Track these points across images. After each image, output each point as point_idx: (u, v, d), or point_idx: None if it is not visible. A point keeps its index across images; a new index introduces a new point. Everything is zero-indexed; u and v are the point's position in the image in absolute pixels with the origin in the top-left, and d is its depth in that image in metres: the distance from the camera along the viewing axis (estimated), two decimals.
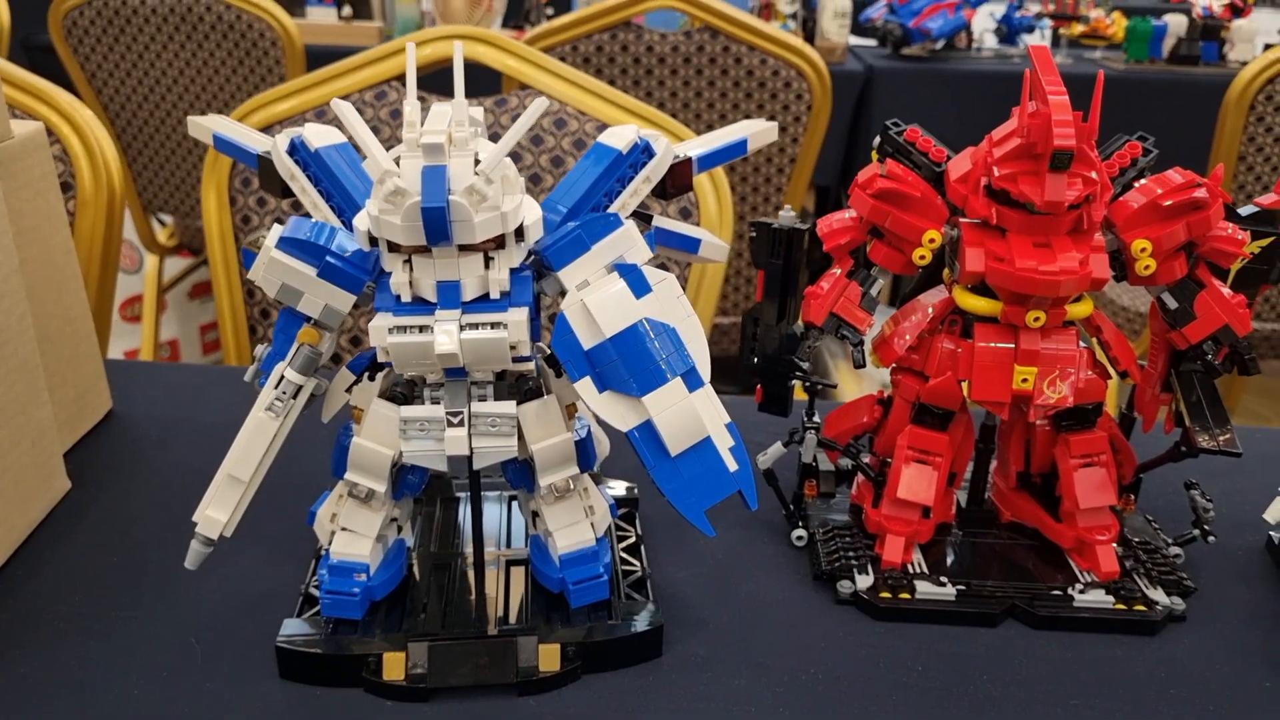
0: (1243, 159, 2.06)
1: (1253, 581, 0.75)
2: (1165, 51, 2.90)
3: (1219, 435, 0.69)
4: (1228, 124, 2.03)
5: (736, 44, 1.87)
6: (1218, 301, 0.69)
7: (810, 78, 1.90)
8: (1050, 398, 0.69)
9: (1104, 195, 0.68)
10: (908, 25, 2.86)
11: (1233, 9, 3.11)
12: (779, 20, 3.08)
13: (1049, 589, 0.71)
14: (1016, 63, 3.00)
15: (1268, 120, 2.01)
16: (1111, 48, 3.15)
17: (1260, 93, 1.98)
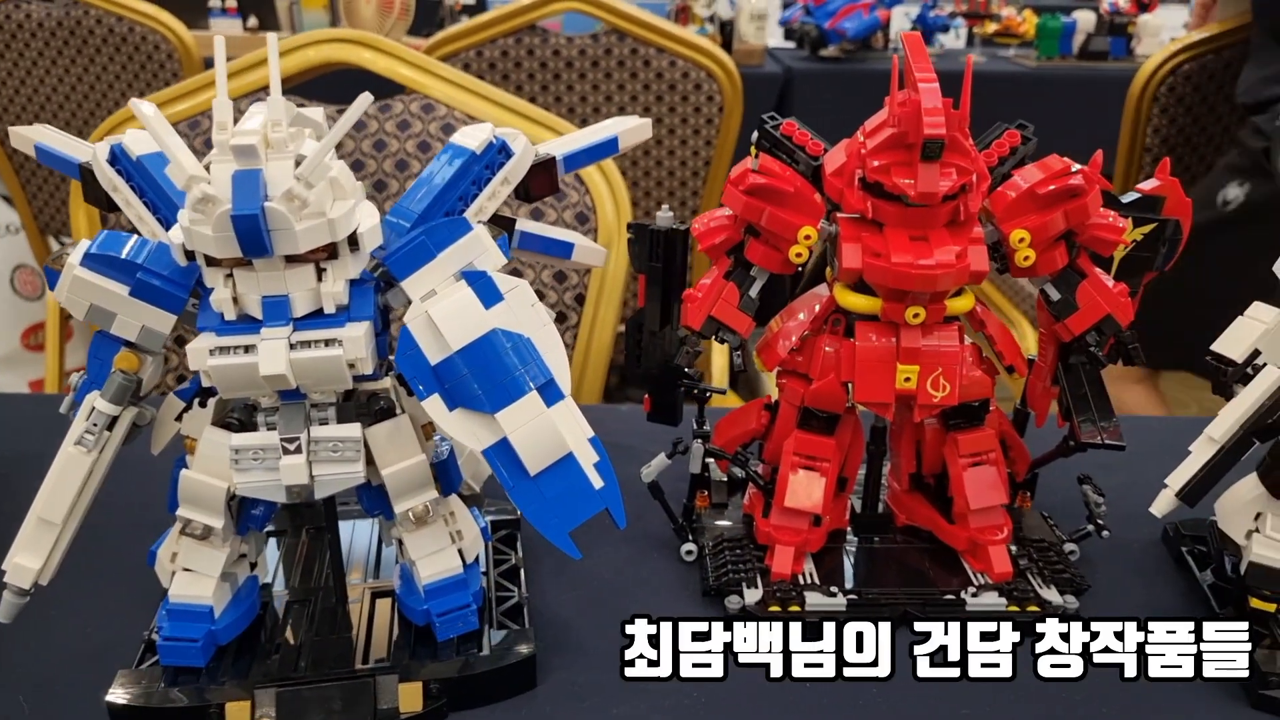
0: (1149, 150, 2.09)
1: (1148, 574, 0.74)
2: (1075, 48, 2.95)
3: (1103, 429, 0.67)
4: (1133, 116, 2.06)
5: (645, 47, 1.85)
6: (1100, 291, 0.67)
7: (721, 79, 1.88)
8: (934, 396, 0.66)
9: (981, 185, 0.66)
10: (824, 26, 2.87)
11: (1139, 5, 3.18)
12: (696, 24, 3.07)
13: (942, 594, 0.69)
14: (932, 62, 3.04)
15: (1171, 111, 2.05)
16: (1024, 45, 3.20)
17: (1162, 85, 2.02)
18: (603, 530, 0.77)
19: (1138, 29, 2.95)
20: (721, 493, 0.80)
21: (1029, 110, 0.73)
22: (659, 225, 0.73)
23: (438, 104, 1.17)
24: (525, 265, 1.17)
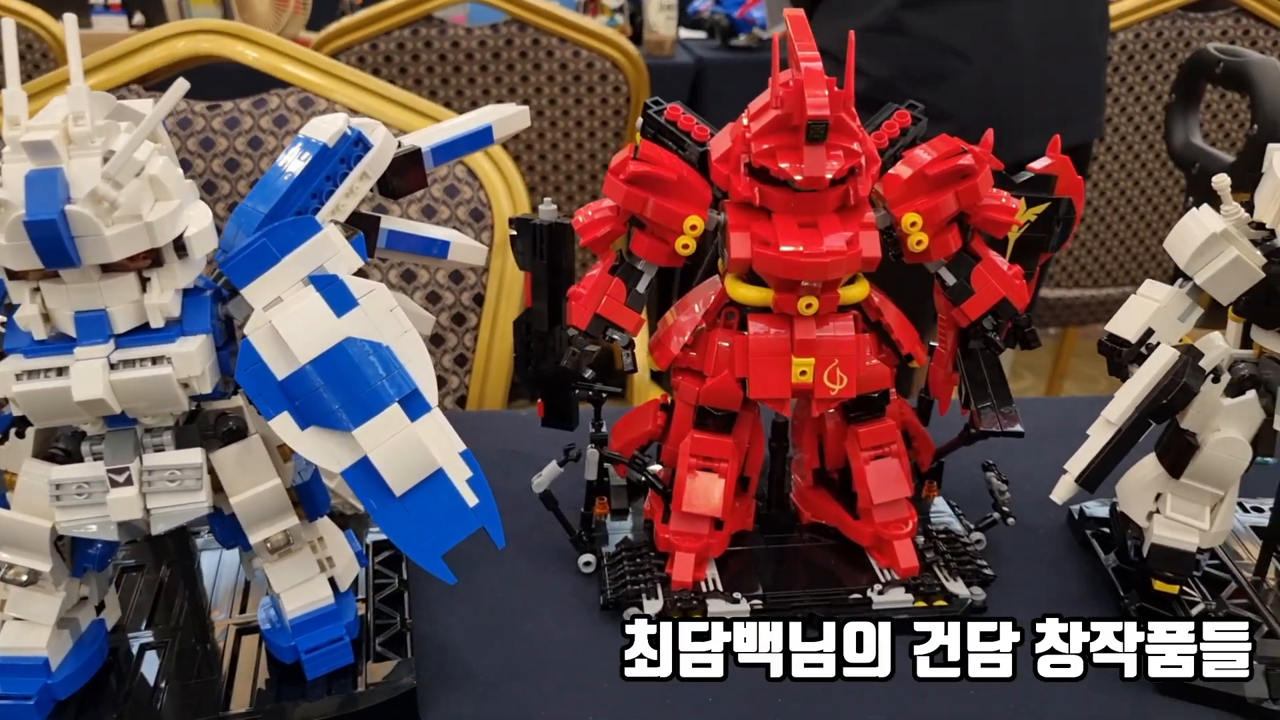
0: None
1: (1055, 559, 0.73)
2: None
3: (1003, 415, 0.66)
4: None
5: (547, 37, 1.80)
6: (995, 274, 0.65)
7: (627, 70, 1.84)
8: (832, 389, 0.63)
9: (870, 168, 0.63)
10: (734, 16, 2.86)
11: None
12: (605, 15, 3.03)
13: (848, 593, 0.66)
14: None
15: None
16: None
17: None
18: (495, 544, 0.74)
19: None
20: (622, 498, 0.76)
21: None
22: (542, 220, 0.69)
23: (318, 98, 1.11)
24: (419, 267, 1.12)
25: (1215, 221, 0.58)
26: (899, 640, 0.61)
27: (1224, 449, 0.61)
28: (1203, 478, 0.62)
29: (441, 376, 1.13)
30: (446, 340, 1.13)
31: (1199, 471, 0.62)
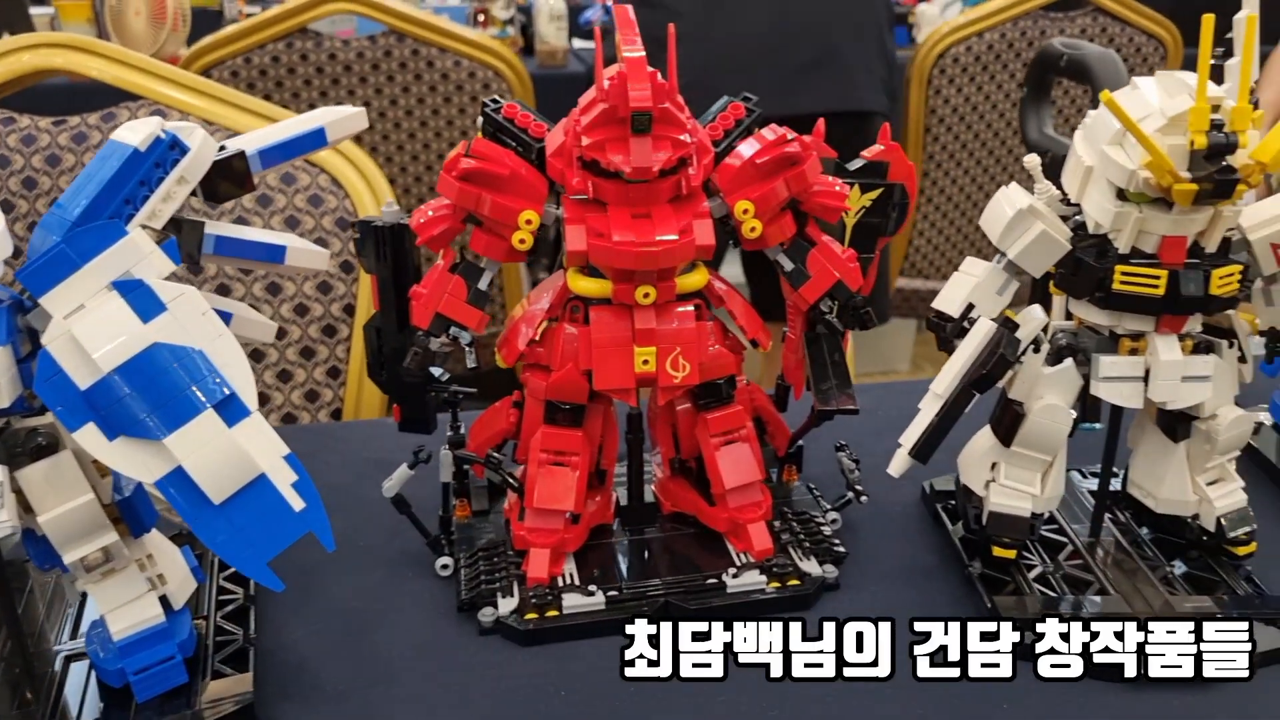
0: (928, 130, 2.20)
1: (909, 535, 0.75)
2: None
3: (841, 395, 0.67)
4: (912, 99, 2.16)
5: (426, 47, 1.78)
6: (829, 258, 0.67)
7: (510, 79, 1.84)
8: (675, 377, 0.64)
9: (703, 158, 0.64)
10: None
11: None
12: (496, 26, 3.02)
13: (705, 579, 0.67)
14: None
15: (944, 92, 2.16)
16: None
17: (934, 67, 2.12)
18: (354, 554, 0.73)
19: (917, 18, 3.11)
20: (483, 499, 0.75)
21: None
22: (384, 221, 0.68)
23: (171, 110, 1.07)
24: (284, 279, 1.09)
25: (1022, 199, 0.60)
26: (547, 663, 0.62)
27: (1047, 415, 0.63)
28: (1031, 445, 0.65)
29: (314, 390, 1.11)
30: (318, 353, 1.10)
31: (1027, 439, 0.64)
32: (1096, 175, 0.59)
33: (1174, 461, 0.66)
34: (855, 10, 1.58)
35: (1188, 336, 0.61)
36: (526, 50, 3.04)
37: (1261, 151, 0.55)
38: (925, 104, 2.16)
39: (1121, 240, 0.59)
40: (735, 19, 1.48)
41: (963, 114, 2.19)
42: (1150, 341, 0.61)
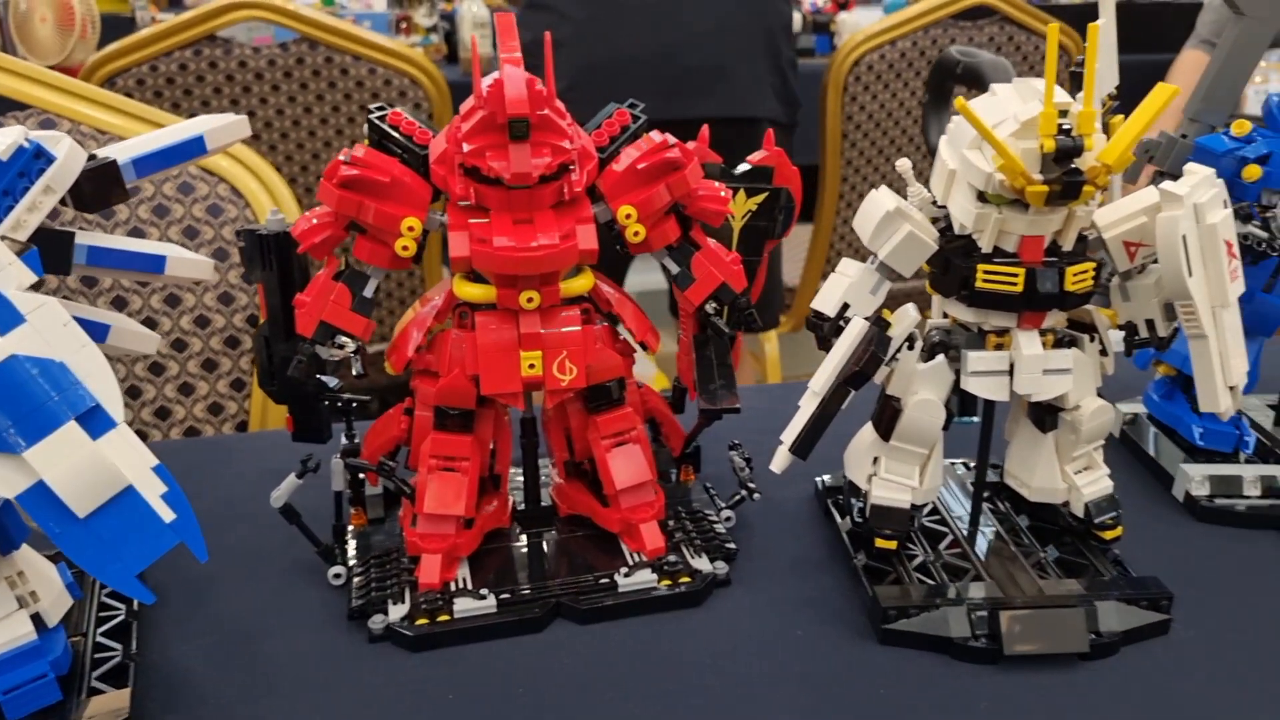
0: (846, 136, 2.24)
1: (800, 530, 0.77)
2: None
3: (724, 395, 0.69)
4: (829, 106, 2.20)
5: (340, 55, 1.77)
6: (713, 261, 0.69)
7: (427, 87, 1.83)
8: (562, 380, 0.65)
9: (586, 164, 0.65)
10: None
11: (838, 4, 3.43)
12: (419, 34, 3.01)
13: (597, 579, 0.68)
14: None
15: (860, 99, 2.20)
16: None
17: (849, 75, 2.17)
18: (247, 565, 0.72)
19: (838, 26, 3.18)
20: (379, 507, 0.75)
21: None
22: (268, 229, 0.68)
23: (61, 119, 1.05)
24: (184, 290, 1.07)
25: (890, 201, 0.63)
26: (438, 669, 0.62)
27: (921, 410, 0.66)
28: (908, 438, 0.67)
29: (218, 403, 1.09)
30: (221, 365, 1.09)
31: (905, 433, 0.67)
32: (959, 178, 0.62)
33: (1044, 452, 0.69)
34: (746, 19, 1.61)
35: (1049, 331, 0.64)
36: (451, 58, 3.04)
37: (1106, 154, 0.57)
38: (842, 110, 2.20)
39: (984, 240, 0.62)
40: (624, 26, 1.51)
41: (878, 120, 2.24)
42: (1014, 337, 0.63)
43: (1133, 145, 0.58)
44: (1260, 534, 0.76)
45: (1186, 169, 0.61)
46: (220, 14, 1.66)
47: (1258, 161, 0.74)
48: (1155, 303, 0.64)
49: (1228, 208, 0.62)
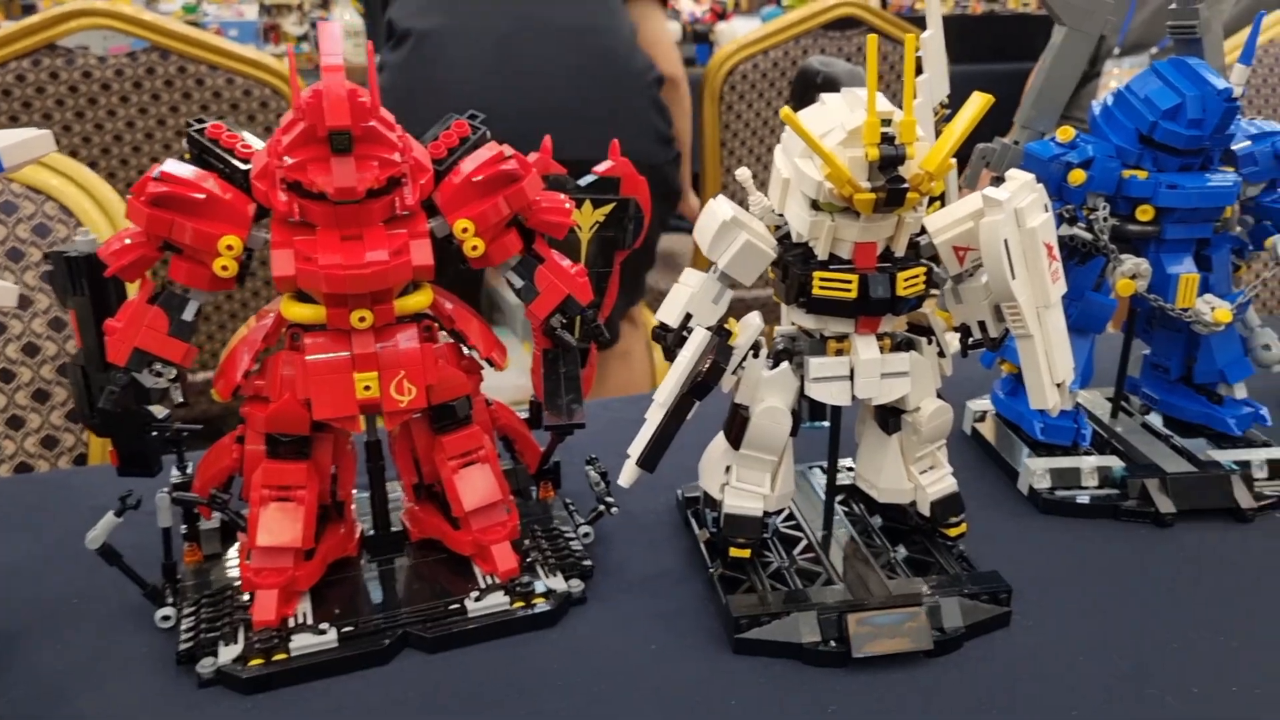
0: (724, 144, 2.27)
1: (660, 542, 0.76)
2: None
3: (570, 410, 0.68)
4: (706, 114, 2.23)
5: (194, 64, 1.69)
6: (557, 274, 0.67)
7: (289, 97, 1.77)
8: (400, 401, 0.63)
9: (419, 177, 0.63)
10: None
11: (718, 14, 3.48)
12: (290, 42, 2.92)
13: (446, 605, 0.66)
14: None
15: (735, 108, 2.24)
16: None
17: (724, 84, 2.20)
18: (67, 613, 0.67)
19: (717, 36, 3.23)
20: (215, 542, 0.71)
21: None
22: (76, 250, 0.63)
23: None
24: (8, 316, 1.00)
25: (727, 210, 0.63)
26: (508, 644, 0.62)
27: (768, 417, 0.66)
28: (757, 446, 0.67)
29: (52, 435, 1.02)
30: (54, 395, 1.02)
31: (753, 440, 0.67)
32: (793, 187, 0.62)
33: (889, 453, 0.70)
34: (602, 68, 1.62)
35: (887, 336, 0.65)
36: None
37: (928, 161, 0.59)
38: (719, 119, 2.23)
39: (819, 247, 0.62)
40: (484, 74, 1.53)
41: (754, 128, 2.27)
42: (852, 342, 0.64)
43: (953, 153, 0.59)
44: (1097, 523, 0.79)
45: (1008, 175, 0.63)
46: (60, 21, 1.57)
47: (1082, 166, 0.78)
48: (985, 305, 0.65)
49: (1049, 211, 0.64)
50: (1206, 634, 0.66)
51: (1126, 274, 0.77)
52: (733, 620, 0.63)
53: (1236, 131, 0.80)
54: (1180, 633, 0.66)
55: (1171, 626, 0.67)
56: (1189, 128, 0.75)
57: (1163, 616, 0.68)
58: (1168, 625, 0.67)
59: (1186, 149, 0.76)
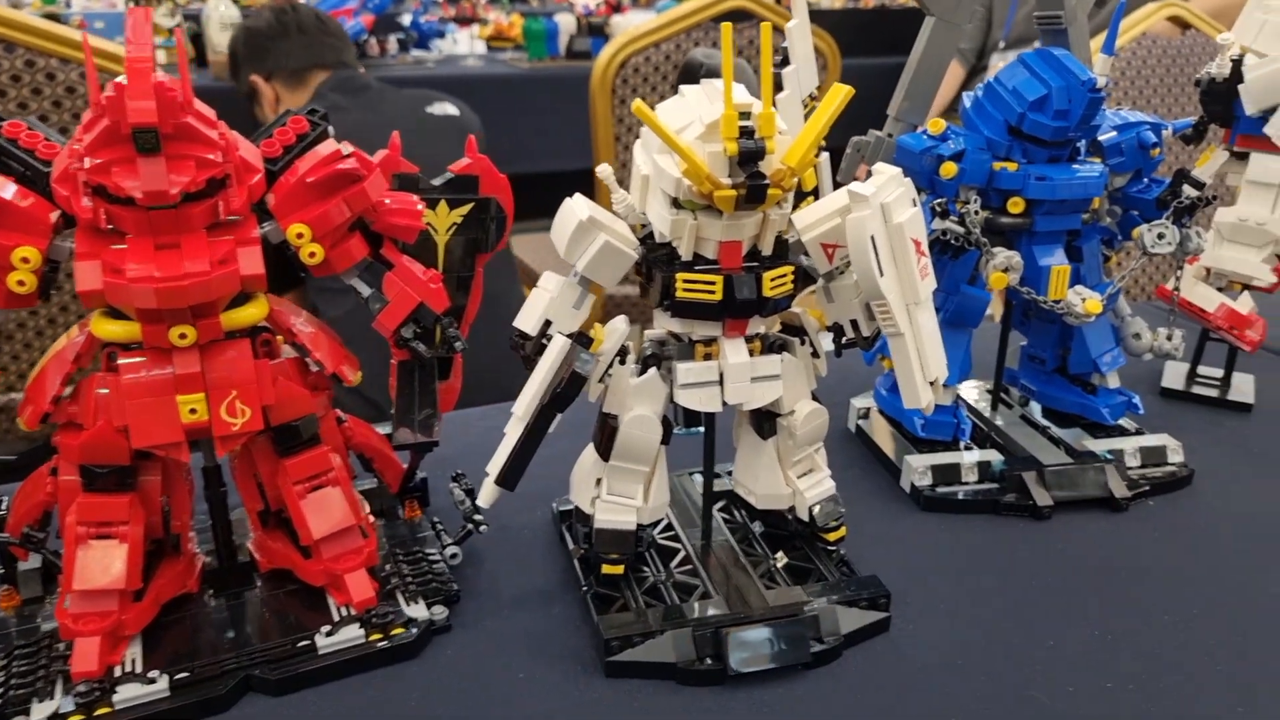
0: (619, 139, 2.24)
1: (534, 560, 0.72)
2: (562, 49, 3.12)
3: (423, 427, 0.63)
4: (598, 108, 2.19)
5: (44, 58, 1.57)
6: (408, 280, 0.63)
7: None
8: (233, 424, 0.57)
9: (247, 178, 0.58)
10: None
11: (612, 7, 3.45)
12: (160, 35, 2.76)
13: (295, 643, 0.61)
14: (430, 67, 3.03)
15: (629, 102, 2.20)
16: (519, 48, 3.32)
17: (616, 77, 2.16)
18: None
19: (612, 29, 3.19)
20: (35, 585, 0.65)
21: (527, 108, 0.66)
22: None
23: None
24: None
25: (583, 210, 0.59)
26: (364, 680, 0.57)
27: (637, 426, 0.63)
28: (628, 456, 0.64)
29: None
30: None
31: (623, 451, 0.63)
32: (653, 184, 0.59)
33: (766, 458, 0.68)
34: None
35: (757, 338, 0.63)
36: (199, 61, 2.81)
37: (789, 156, 0.56)
38: (612, 113, 2.20)
39: (683, 247, 0.59)
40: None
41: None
42: (721, 346, 0.61)
43: (814, 147, 0.57)
44: (978, 518, 0.78)
45: (875, 169, 0.61)
46: None
47: (953, 159, 0.77)
48: (857, 303, 0.63)
49: (917, 206, 0.62)
50: (1081, 628, 0.65)
51: (999, 267, 0.76)
52: (604, 642, 0.60)
53: (1103, 122, 0.81)
54: (1056, 629, 0.65)
55: (1048, 622, 0.66)
56: (1055, 119, 0.75)
57: (1039, 612, 0.67)
58: (1044, 621, 0.66)
59: (1053, 140, 0.76)
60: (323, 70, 1.92)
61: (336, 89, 1.86)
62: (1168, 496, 0.82)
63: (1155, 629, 0.66)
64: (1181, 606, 0.68)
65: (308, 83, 1.91)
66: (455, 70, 2.99)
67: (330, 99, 1.82)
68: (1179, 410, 0.97)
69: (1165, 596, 0.69)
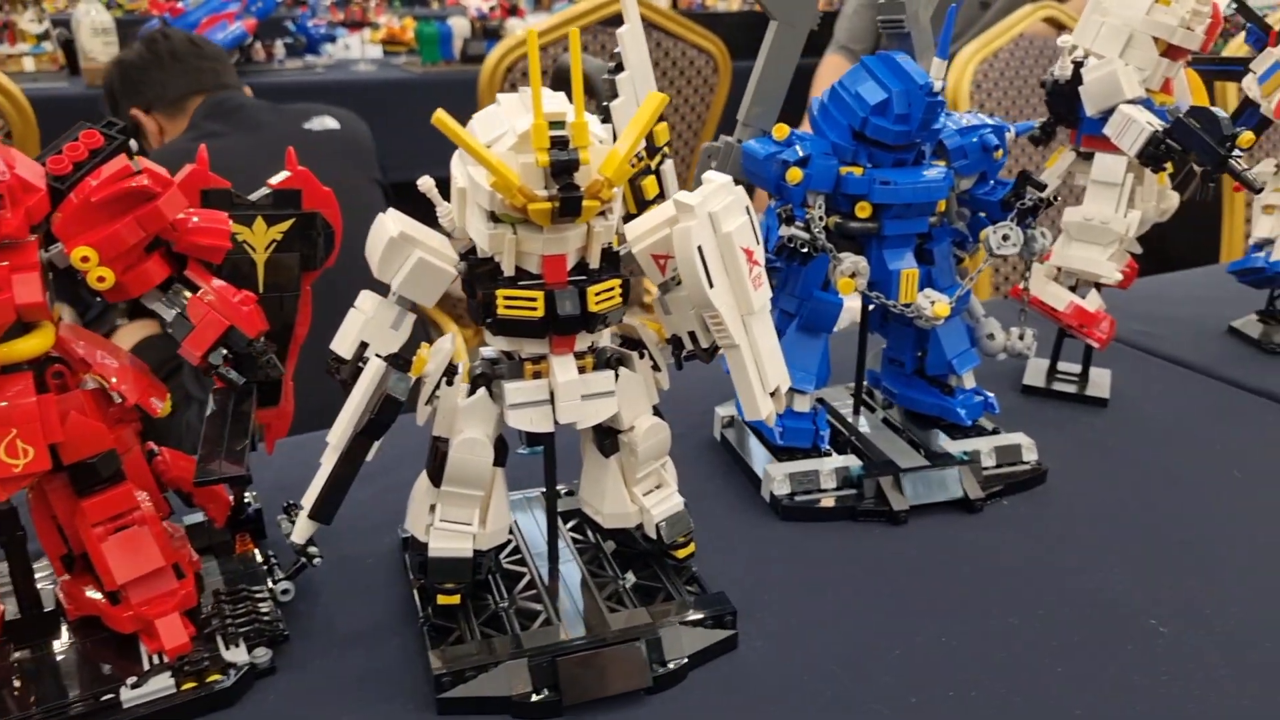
0: None
1: (374, 590, 0.69)
2: (456, 52, 3.06)
3: (229, 460, 0.59)
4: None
5: None
6: (216, 303, 0.59)
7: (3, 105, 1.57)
8: (15, 466, 0.53)
9: (26, 199, 0.53)
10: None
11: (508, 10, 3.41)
12: (28, 42, 2.62)
13: (97, 697, 0.56)
14: (320, 72, 2.94)
15: None
16: (413, 52, 3.25)
17: (505, 80, 2.13)
18: None
19: (508, 31, 3.15)
20: None
21: (422, 114, 0.61)
22: None
23: None
24: None
25: (394, 226, 0.56)
26: None
27: (466, 449, 0.60)
28: (459, 481, 0.61)
29: None
30: None
31: (454, 475, 0.61)
32: (470, 198, 0.56)
33: (610, 476, 0.66)
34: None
35: (589, 354, 0.61)
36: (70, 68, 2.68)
37: (606, 166, 0.54)
38: None
39: (504, 262, 0.57)
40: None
41: None
42: (549, 363, 0.59)
43: (630, 156, 0.55)
44: (837, 526, 0.78)
45: (704, 177, 0.60)
46: None
47: (798, 164, 0.76)
48: (693, 314, 0.62)
49: (749, 214, 0.61)
50: (929, 637, 0.65)
51: (845, 273, 0.76)
52: (434, 678, 0.57)
53: (946, 125, 0.81)
54: (904, 637, 0.65)
55: (896, 631, 0.66)
56: (897, 123, 0.75)
57: (890, 621, 0.67)
58: (893, 630, 0.66)
59: (896, 144, 0.76)
60: (201, 95, 1.82)
61: (209, 115, 1.76)
62: (1022, 495, 0.83)
63: (999, 632, 0.66)
64: (1025, 607, 0.68)
65: (188, 110, 1.81)
66: (346, 75, 2.91)
67: (204, 127, 1.72)
68: (1038, 407, 0.99)
69: (1011, 598, 0.69)
